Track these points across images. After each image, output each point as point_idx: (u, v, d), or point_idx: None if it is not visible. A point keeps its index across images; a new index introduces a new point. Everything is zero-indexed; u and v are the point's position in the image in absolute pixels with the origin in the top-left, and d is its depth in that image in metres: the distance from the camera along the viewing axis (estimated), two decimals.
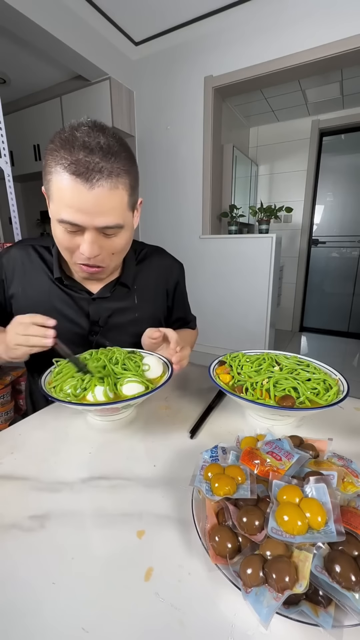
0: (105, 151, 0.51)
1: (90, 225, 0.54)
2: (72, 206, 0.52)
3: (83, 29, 2.19)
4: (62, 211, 0.53)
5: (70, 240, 0.57)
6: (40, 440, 0.50)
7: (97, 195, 0.51)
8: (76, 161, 0.50)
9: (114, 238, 0.58)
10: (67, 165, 0.50)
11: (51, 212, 0.57)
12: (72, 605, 0.27)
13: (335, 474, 0.33)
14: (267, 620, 0.23)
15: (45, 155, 0.54)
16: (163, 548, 0.32)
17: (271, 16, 2.06)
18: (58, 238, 0.58)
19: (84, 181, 0.50)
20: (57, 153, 0.51)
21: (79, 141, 0.50)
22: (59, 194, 0.52)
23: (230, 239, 2.58)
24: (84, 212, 0.52)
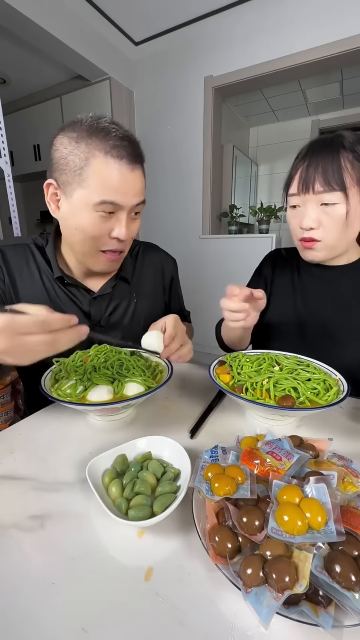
0: (132, 139, 0.58)
1: (129, 204, 0.58)
2: (115, 187, 0.55)
3: (83, 29, 2.19)
4: (102, 193, 0.55)
5: (101, 226, 0.58)
6: (40, 440, 0.50)
7: (136, 176, 0.58)
8: (117, 146, 0.55)
9: (136, 220, 0.64)
10: (109, 150, 0.54)
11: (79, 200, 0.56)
12: (72, 605, 0.27)
13: (335, 474, 0.33)
14: (267, 620, 0.23)
15: (63, 144, 0.56)
16: (163, 548, 0.32)
17: (271, 16, 2.06)
18: (86, 226, 0.58)
19: (127, 163, 0.56)
20: (89, 139, 0.54)
21: (112, 129, 0.55)
22: (100, 177, 0.54)
23: (230, 239, 2.58)
24: (125, 191, 0.57)
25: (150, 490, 0.37)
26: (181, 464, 0.40)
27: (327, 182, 0.60)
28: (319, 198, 0.62)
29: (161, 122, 2.65)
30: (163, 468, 0.40)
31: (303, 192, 0.63)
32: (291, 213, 0.69)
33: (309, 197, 0.63)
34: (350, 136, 0.62)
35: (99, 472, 0.39)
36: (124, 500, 0.35)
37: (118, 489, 0.37)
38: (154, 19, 2.23)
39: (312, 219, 0.63)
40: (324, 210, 0.62)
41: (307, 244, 0.66)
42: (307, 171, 0.62)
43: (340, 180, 0.59)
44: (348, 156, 0.60)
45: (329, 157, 0.60)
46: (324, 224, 0.63)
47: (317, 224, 0.63)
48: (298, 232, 0.67)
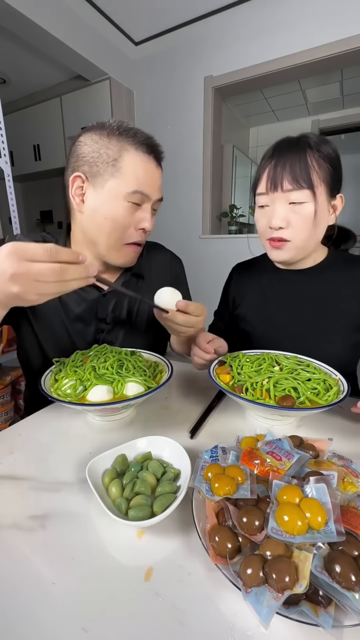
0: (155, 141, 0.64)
1: (155, 197, 0.64)
2: (144, 179, 0.61)
3: (83, 29, 2.19)
4: (135, 184, 0.60)
5: (131, 216, 0.62)
6: (40, 440, 0.50)
7: (159, 172, 0.65)
8: (144, 142, 0.61)
9: (154, 216, 0.68)
10: (139, 146, 0.60)
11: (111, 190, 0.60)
12: (72, 605, 0.27)
13: (335, 474, 0.33)
14: (267, 620, 0.23)
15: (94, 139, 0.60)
16: (163, 548, 0.32)
17: (271, 16, 2.06)
18: (116, 215, 0.61)
19: (155, 158, 0.63)
20: (120, 137, 0.59)
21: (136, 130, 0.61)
22: (133, 168, 0.60)
23: (230, 239, 2.58)
24: (153, 185, 0.63)
25: (150, 490, 0.37)
26: (181, 464, 0.40)
27: (296, 180, 0.60)
28: (287, 197, 0.62)
29: (161, 122, 2.65)
30: (163, 468, 0.40)
31: (271, 191, 0.63)
32: (260, 213, 0.69)
33: (277, 196, 0.63)
34: (314, 137, 0.63)
35: (99, 472, 0.39)
36: (124, 500, 0.35)
37: (118, 489, 0.37)
38: (154, 18, 2.23)
39: (281, 217, 0.63)
40: (292, 209, 0.62)
41: (275, 244, 0.66)
42: (274, 170, 0.62)
43: (308, 178, 0.60)
44: (314, 155, 0.61)
45: (296, 155, 0.61)
46: (293, 223, 0.63)
47: (286, 223, 0.63)
48: (267, 232, 0.67)
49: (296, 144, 0.63)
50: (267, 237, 0.68)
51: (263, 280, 0.79)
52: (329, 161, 0.62)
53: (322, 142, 0.63)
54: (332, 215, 0.67)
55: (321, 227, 0.65)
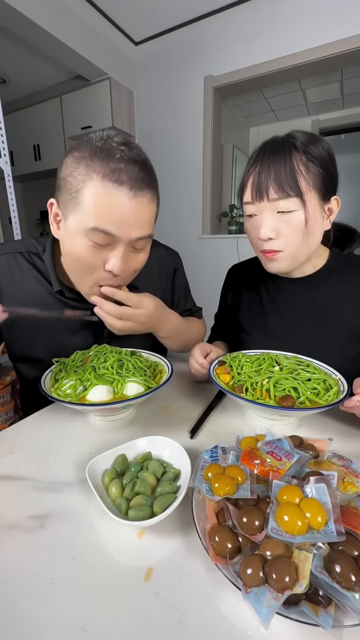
0: (142, 163, 0.51)
1: (127, 237, 0.52)
2: (110, 215, 0.49)
3: (83, 29, 2.19)
4: (95, 220, 0.49)
5: (94, 256, 0.53)
6: (40, 440, 0.50)
7: (137, 205, 0.51)
8: (119, 169, 0.48)
9: (140, 253, 0.57)
10: (108, 174, 0.48)
11: (72, 225, 0.52)
12: (72, 605, 0.27)
13: (335, 474, 0.33)
14: (267, 620, 0.23)
15: (66, 164, 0.51)
16: (163, 548, 0.32)
17: (271, 16, 2.06)
18: (78, 254, 0.53)
19: (127, 189, 0.49)
20: (91, 162, 0.49)
21: (117, 151, 0.49)
22: (94, 202, 0.49)
23: (230, 239, 2.58)
24: (122, 222, 0.50)
25: (150, 490, 0.37)
26: (181, 464, 0.40)
27: (281, 188, 0.55)
28: (274, 206, 0.57)
29: (161, 122, 2.65)
30: (163, 468, 0.40)
31: (257, 200, 0.58)
32: (248, 223, 0.64)
33: (264, 205, 0.58)
34: (301, 136, 0.58)
35: (98, 472, 0.39)
36: (124, 501, 0.35)
37: (118, 489, 0.37)
38: (154, 18, 2.23)
39: (270, 228, 0.58)
40: (280, 218, 0.58)
41: (268, 255, 0.62)
42: (259, 177, 0.57)
43: (295, 185, 0.55)
44: (301, 158, 0.56)
45: (281, 160, 0.56)
46: (283, 233, 0.59)
47: (276, 234, 0.59)
48: (258, 244, 0.63)
49: (280, 146, 0.57)
50: (259, 248, 0.64)
51: (260, 287, 0.76)
52: (319, 163, 0.57)
53: (311, 141, 0.58)
54: (327, 219, 0.62)
55: (315, 234, 0.61)
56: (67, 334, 0.68)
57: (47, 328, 0.66)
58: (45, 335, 0.67)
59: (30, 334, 0.66)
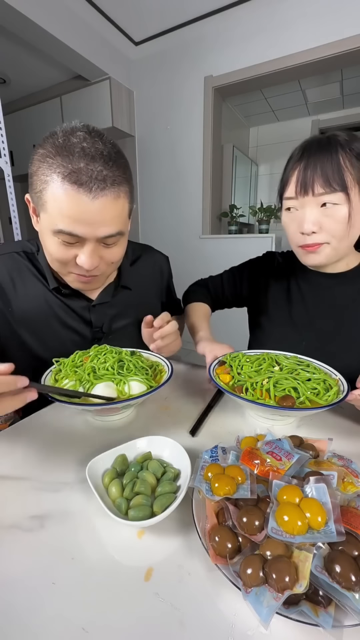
0: (106, 158, 0.49)
1: (92, 236, 0.51)
2: (72, 217, 0.48)
3: (83, 29, 2.19)
4: (59, 222, 0.49)
5: (65, 252, 0.53)
6: (41, 440, 0.50)
7: (100, 205, 0.49)
8: (77, 170, 0.47)
9: (113, 247, 0.57)
10: (67, 174, 0.47)
11: (43, 224, 0.53)
12: (72, 605, 0.27)
13: (335, 474, 0.33)
14: (267, 620, 0.23)
15: (33, 161, 0.50)
16: (163, 548, 0.32)
17: (271, 16, 2.06)
18: (50, 251, 0.55)
19: (86, 191, 0.47)
20: (52, 160, 0.47)
21: (77, 147, 0.47)
22: (56, 204, 0.48)
23: (230, 239, 2.58)
24: (86, 222, 0.49)
25: (150, 490, 0.37)
26: (181, 464, 0.40)
27: (328, 183, 0.57)
28: (318, 200, 0.59)
29: (161, 122, 2.65)
30: (163, 468, 0.40)
31: (301, 195, 0.59)
32: (288, 217, 0.65)
33: (308, 200, 0.59)
34: (344, 135, 0.60)
35: (99, 472, 0.39)
36: (124, 501, 0.35)
37: (118, 489, 0.37)
38: (154, 18, 2.23)
39: (313, 221, 0.59)
40: (324, 212, 0.59)
41: (310, 248, 0.63)
42: (304, 172, 0.58)
43: (342, 180, 0.56)
44: (346, 155, 0.57)
45: (328, 156, 0.57)
46: (326, 227, 0.60)
47: (318, 227, 0.60)
48: (298, 238, 0.64)
49: (327, 144, 0.59)
50: (299, 243, 0.64)
51: (290, 277, 0.77)
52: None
53: (353, 139, 0.59)
54: None
55: (356, 229, 0.61)
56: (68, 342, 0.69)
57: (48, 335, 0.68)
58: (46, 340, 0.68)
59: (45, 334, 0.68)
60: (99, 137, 0.50)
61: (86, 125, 0.51)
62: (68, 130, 0.49)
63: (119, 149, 0.54)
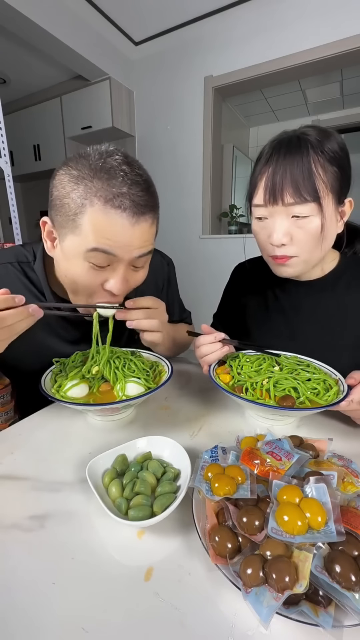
0: (145, 184, 0.50)
1: (127, 257, 0.51)
2: (111, 239, 0.48)
3: (83, 29, 2.19)
4: (96, 242, 0.48)
5: (93, 277, 0.51)
6: (40, 440, 0.50)
7: (140, 230, 0.50)
8: (121, 194, 0.46)
9: (140, 270, 0.57)
10: (111, 198, 0.46)
11: (70, 247, 0.50)
12: (72, 605, 0.27)
13: (335, 474, 0.33)
14: (267, 620, 0.23)
15: (62, 182, 0.49)
16: (163, 548, 0.32)
17: (271, 16, 2.06)
18: (76, 275, 0.52)
19: (130, 216, 0.48)
20: (90, 182, 0.46)
21: (119, 170, 0.47)
22: (96, 227, 0.47)
23: (230, 239, 2.59)
24: (125, 245, 0.49)
25: (150, 490, 0.37)
26: (181, 464, 0.40)
27: (298, 193, 0.52)
28: (288, 210, 0.54)
29: (161, 122, 2.65)
30: (163, 468, 0.40)
31: (270, 204, 0.55)
32: (258, 226, 0.60)
33: (278, 209, 0.55)
34: (314, 133, 0.54)
35: (99, 472, 0.39)
36: (124, 500, 0.35)
37: (118, 489, 0.37)
38: (154, 18, 2.23)
39: (283, 233, 0.55)
40: (295, 223, 0.55)
41: (280, 260, 0.59)
42: (273, 179, 0.53)
43: (313, 190, 0.52)
44: (319, 159, 0.52)
45: (298, 161, 0.52)
46: (297, 239, 0.56)
47: (288, 239, 0.56)
48: (268, 248, 0.60)
49: (297, 145, 0.53)
50: (269, 253, 0.61)
51: (266, 288, 0.73)
52: (336, 162, 0.54)
53: (326, 137, 0.54)
54: (340, 222, 0.59)
55: (329, 239, 0.58)
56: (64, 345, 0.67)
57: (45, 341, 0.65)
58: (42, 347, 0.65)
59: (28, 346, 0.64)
60: (135, 162, 0.50)
61: (118, 149, 0.50)
62: (103, 153, 0.48)
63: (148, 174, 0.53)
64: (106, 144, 0.50)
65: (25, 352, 0.64)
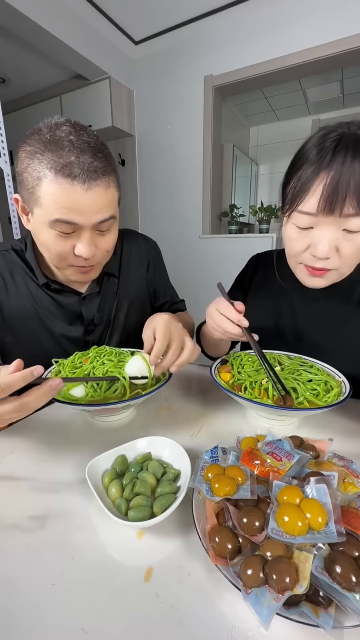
0: (94, 150, 0.51)
1: (88, 223, 0.53)
2: (68, 207, 0.51)
3: (83, 29, 2.18)
4: (56, 213, 0.51)
5: (63, 244, 0.55)
6: (40, 440, 0.50)
7: (94, 194, 0.52)
8: (69, 163, 0.49)
9: (107, 234, 0.59)
10: (60, 169, 0.49)
11: (37, 219, 0.54)
12: (72, 606, 0.27)
13: (336, 475, 0.33)
14: (267, 621, 0.23)
15: (21, 159, 0.52)
16: (163, 549, 0.32)
17: (271, 15, 2.05)
18: (48, 244, 0.55)
19: (80, 183, 0.50)
20: (42, 156, 0.49)
21: (65, 141, 0.49)
22: (51, 197, 0.50)
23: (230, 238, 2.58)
24: (82, 212, 0.52)
25: (150, 490, 0.37)
26: (181, 464, 0.40)
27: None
28: (342, 222, 0.48)
29: (161, 122, 2.64)
30: (163, 468, 0.40)
31: (324, 214, 0.48)
32: (296, 233, 0.54)
33: (330, 220, 0.49)
34: None
35: (98, 473, 0.39)
36: (123, 501, 0.35)
37: (118, 489, 0.37)
38: (154, 18, 2.23)
39: (331, 246, 0.50)
40: (345, 236, 0.50)
41: (316, 272, 0.55)
42: (334, 186, 0.46)
43: None
44: None
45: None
46: (343, 252, 0.51)
47: (334, 252, 0.51)
48: (305, 257, 0.55)
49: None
50: (305, 262, 0.56)
51: (276, 287, 0.71)
52: None
53: None
54: None
55: None
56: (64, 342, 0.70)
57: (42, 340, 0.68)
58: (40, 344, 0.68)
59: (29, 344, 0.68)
60: (84, 130, 0.52)
61: (68, 119, 0.52)
62: (52, 125, 0.51)
63: (102, 140, 0.55)
64: (57, 116, 0.53)
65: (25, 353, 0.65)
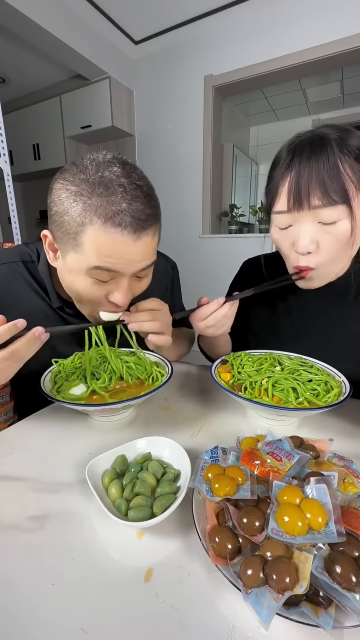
0: (146, 196, 0.48)
1: (130, 271, 0.50)
2: (112, 257, 0.47)
3: (83, 28, 2.18)
4: (98, 261, 0.47)
5: (98, 290, 0.51)
6: (40, 440, 0.50)
7: (142, 245, 0.48)
8: (121, 211, 0.45)
9: (143, 279, 0.56)
10: (110, 216, 0.44)
11: (73, 264, 0.49)
12: (72, 606, 0.27)
13: (336, 475, 0.33)
14: (267, 621, 0.23)
15: (61, 198, 0.47)
16: (163, 549, 0.32)
17: (271, 15, 2.05)
18: (79, 289, 0.51)
19: (130, 233, 0.46)
20: (89, 200, 0.45)
21: (116, 184, 0.45)
22: (97, 246, 0.46)
23: (230, 238, 2.59)
24: (127, 260, 0.48)
25: (150, 491, 0.37)
26: (181, 464, 0.40)
27: (327, 194, 0.48)
28: (315, 214, 0.51)
29: (161, 121, 2.64)
30: (163, 469, 0.40)
31: (295, 209, 0.51)
32: (280, 235, 0.56)
33: (303, 215, 0.51)
34: (336, 132, 0.51)
35: (98, 473, 0.39)
36: (123, 501, 0.35)
37: (118, 489, 0.36)
38: (154, 17, 2.23)
39: (310, 239, 0.52)
40: (322, 228, 0.52)
41: (302, 273, 0.57)
42: (297, 182, 0.50)
43: (342, 190, 0.48)
44: (345, 158, 0.49)
45: (324, 161, 0.49)
46: (323, 246, 0.52)
47: (315, 246, 0.53)
48: (292, 257, 0.57)
49: (320, 145, 0.49)
50: (292, 263, 0.57)
51: (271, 290, 0.69)
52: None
53: (347, 135, 0.50)
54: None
55: (357, 245, 0.54)
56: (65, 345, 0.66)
57: None
58: None
59: None
60: (134, 171, 0.48)
61: (115, 157, 0.48)
62: (100, 164, 0.46)
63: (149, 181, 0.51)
64: (103, 152, 0.48)
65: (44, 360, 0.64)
